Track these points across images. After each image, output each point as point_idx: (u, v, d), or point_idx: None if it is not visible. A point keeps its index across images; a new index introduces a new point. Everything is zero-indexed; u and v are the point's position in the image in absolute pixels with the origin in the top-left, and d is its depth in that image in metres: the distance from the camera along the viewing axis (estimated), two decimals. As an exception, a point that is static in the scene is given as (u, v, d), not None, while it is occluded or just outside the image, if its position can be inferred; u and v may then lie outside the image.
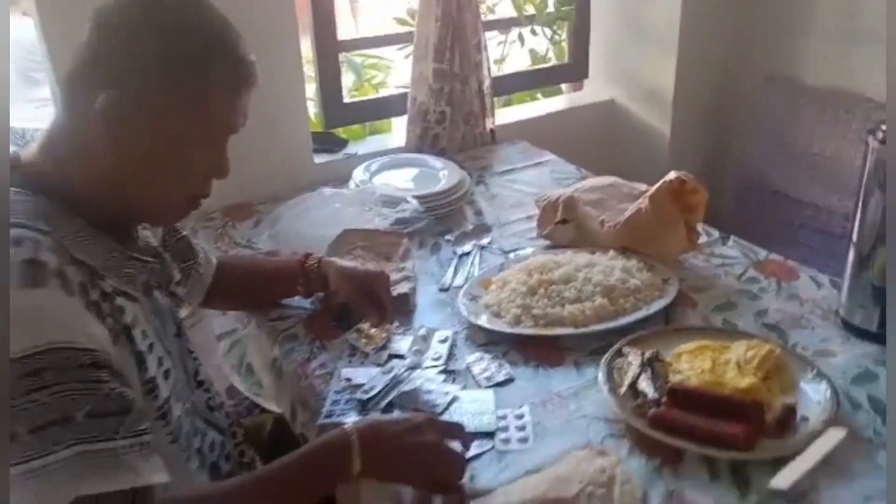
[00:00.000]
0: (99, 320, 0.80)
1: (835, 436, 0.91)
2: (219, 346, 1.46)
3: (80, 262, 0.81)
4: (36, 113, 2.94)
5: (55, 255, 0.78)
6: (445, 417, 1.03)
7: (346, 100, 1.99)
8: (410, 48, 1.91)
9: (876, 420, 0.99)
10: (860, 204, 1.18)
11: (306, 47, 1.84)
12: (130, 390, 0.80)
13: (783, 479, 0.64)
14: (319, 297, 1.31)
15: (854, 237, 1.21)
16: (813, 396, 1.02)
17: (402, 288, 1.31)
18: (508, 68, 2.53)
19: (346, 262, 1.29)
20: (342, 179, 1.72)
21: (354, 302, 1.22)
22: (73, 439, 0.72)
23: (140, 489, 0.75)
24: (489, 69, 1.97)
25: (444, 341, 1.20)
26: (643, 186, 1.48)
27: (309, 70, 1.90)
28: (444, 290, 1.37)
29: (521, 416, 1.04)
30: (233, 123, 0.92)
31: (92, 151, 0.86)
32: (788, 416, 0.96)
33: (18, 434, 0.72)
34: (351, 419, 1.04)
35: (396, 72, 2.66)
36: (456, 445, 0.93)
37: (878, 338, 1.14)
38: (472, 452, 0.96)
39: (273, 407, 1.33)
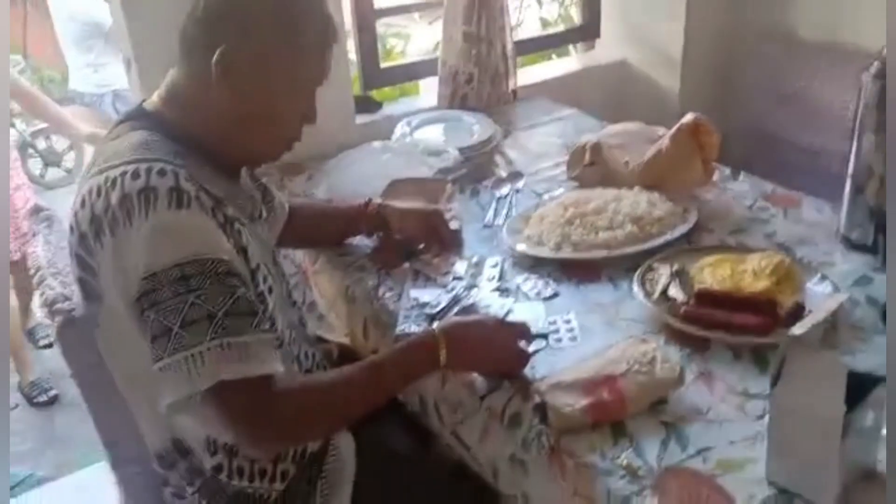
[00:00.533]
0: (227, 238, 0.98)
1: (837, 298, 1.10)
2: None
3: (208, 192, 0.98)
4: (93, 76, 3.24)
5: (191, 184, 0.95)
6: (506, 322, 1.20)
7: (383, 65, 2.14)
8: (431, 15, 2.05)
9: (871, 313, 1.17)
10: (855, 138, 1.34)
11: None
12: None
13: (799, 328, 0.81)
14: (380, 235, 1.47)
15: (850, 168, 1.37)
16: (820, 296, 1.19)
17: (453, 225, 1.48)
18: (522, 35, 2.67)
19: (403, 204, 1.46)
20: (381, 138, 1.86)
21: (417, 237, 1.39)
22: (214, 334, 0.89)
23: (266, 377, 0.93)
24: (511, 32, 2.12)
25: (495, 266, 1.37)
26: (662, 130, 1.64)
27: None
28: (487, 227, 1.53)
29: (568, 321, 1.21)
30: (323, 74, 1.08)
31: (210, 101, 1.03)
32: (798, 310, 1.14)
33: (172, 328, 0.89)
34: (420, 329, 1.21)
35: (415, 39, 2.80)
36: (521, 343, 1.11)
37: (873, 249, 1.32)
38: (531, 349, 1.14)
39: (334, 337, 1.50)
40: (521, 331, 1.12)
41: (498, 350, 1.09)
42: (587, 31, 2.50)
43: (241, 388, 0.91)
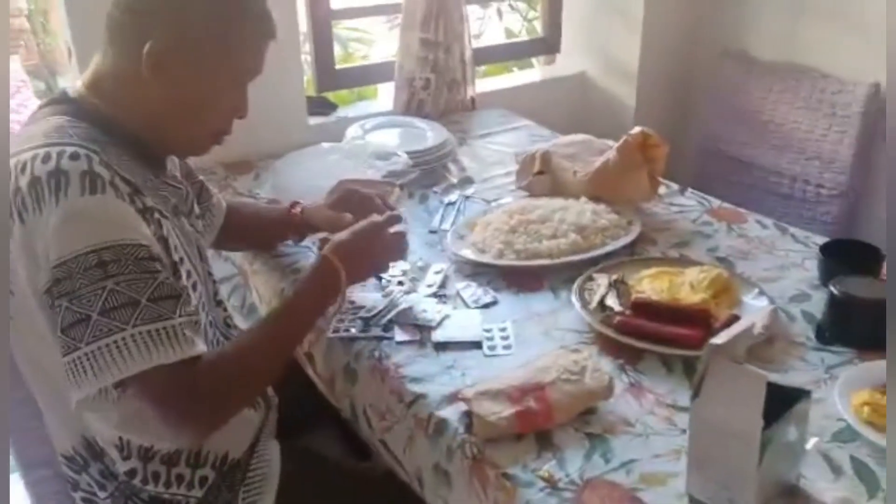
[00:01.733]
0: (147, 224, 0.94)
1: (765, 311, 1.09)
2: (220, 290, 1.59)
3: (124, 178, 0.95)
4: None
5: (106, 169, 0.92)
6: (438, 331, 1.18)
7: (338, 66, 2.12)
8: (395, 22, 2.05)
9: (807, 329, 1.17)
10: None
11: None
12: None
13: (721, 337, 0.80)
14: (320, 239, 1.43)
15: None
16: (756, 310, 1.19)
17: (399, 227, 1.45)
18: (485, 43, 2.67)
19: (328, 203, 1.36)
20: (334, 140, 1.83)
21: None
22: (140, 320, 0.87)
23: (196, 357, 0.91)
24: (470, 40, 2.11)
25: (438, 272, 1.34)
26: (612, 142, 1.64)
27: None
28: (433, 232, 1.51)
29: (504, 329, 1.19)
30: (256, 70, 1.06)
31: (138, 90, 0.99)
32: (732, 323, 1.13)
33: (90, 317, 0.86)
34: (354, 333, 1.19)
35: (379, 45, 2.79)
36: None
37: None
38: (464, 360, 1.12)
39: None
40: (393, 219, 1.22)
41: (382, 248, 1.18)
42: (548, 44, 2.51)
43: (172, 371, 0.89)
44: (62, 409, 0.98)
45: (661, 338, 1.10)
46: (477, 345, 1.15)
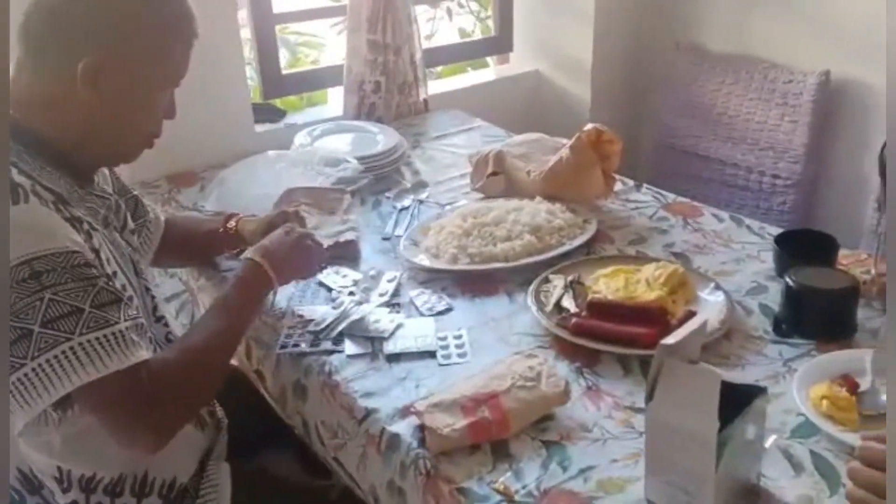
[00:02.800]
0: (76, 232, 0.90)
1: (720, 307, 1.08)
2: (168, 308, 1.53)
3: (47, 188, 0.91)
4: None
5: (26, 178, 0.88)
6: (391, 342, 1.14)
7: (285, 71, 2.06)
8: (343, 25, 2.00)
9: (765, 322, 1.15)
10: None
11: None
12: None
13: (672, 337, 0.77)
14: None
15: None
16: (712, 305, 1.17)
17: (348, 235, 1.42)
18: (437, 44, 2.64)
19: (258, 218, 1.32)
20: (282, 148, 1.78)
21: None
22: (86, 328, 0.84)
23: (144, 361, 0.89)
24: (420, 41, 2.07)
25: (391, 280, 1.30)
26: (564, 140, 1.61)
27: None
28: (386, 239, 1.47)
29: (459, 337, 1.15)
30: (184, 71, 1.03)
31: (67, 106, 0.95)
32: (689, 319, 1.11)
33: (32, 330, 0.82)
34: (304, 348, 1.14)
35: (329, 49, 2.74)
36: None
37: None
38: (417, 371, 1.08)
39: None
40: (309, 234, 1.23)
41: (305, 254, 1.19)
42: (500, 43, 2.48)
43: (121, 378, 0.86)
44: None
45: (617, 338, 1.08)
46: (431, 354, 1.12)
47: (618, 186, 1.60)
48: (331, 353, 1.13)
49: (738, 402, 0.80)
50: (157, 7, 0.97)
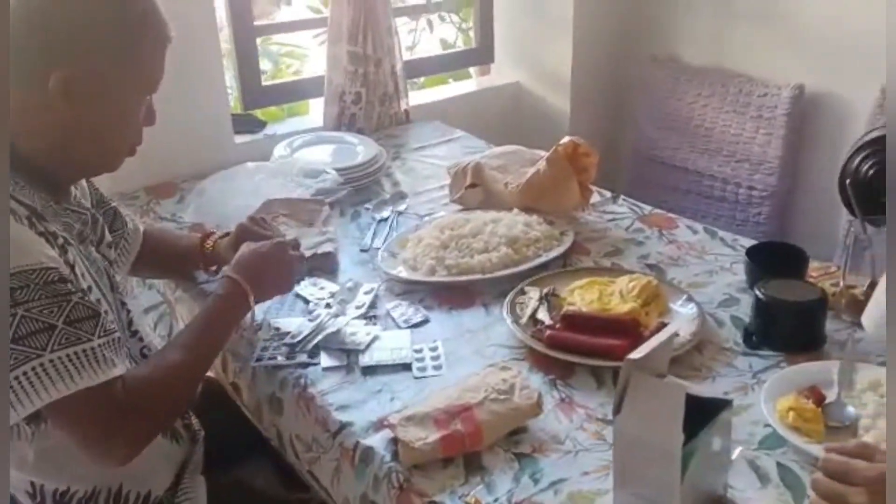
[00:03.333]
0: (50, 247, 0.90)
1: (685, 320, 1.11)
2: (146, 319, 1.53)
3: (20, 202, 0.91)
4: None
5: None
6: (367, 354, 1.15)
7: (265, 83, 2.07)
8: (325, 35, 2.01)
9: (736, 334, 1.17)
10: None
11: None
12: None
13: (639, 351, 0.78)
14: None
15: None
16: (684, 317, 1.19)
17: (326, 247, 1.42)
18: (418, 55, 2.65)
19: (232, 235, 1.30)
20: (262, 159, 1.79)
21: None
22: (57, 345, 0.84)
23: (118, 377, 0.89)
24: (401, 52, 2.09)
25: (368, 292, 1.31)
26: (542, 152, 1.63)
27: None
28: (364, 250, 1.48)
29: (435, 349, 1.16)
30: (160, 76, 1.02)
31: (43, 120, 0.95)
32: (661, 331, 1.12)
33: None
34: (279, 360, 1.15)
35: (312, 60, 2.74)
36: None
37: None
38: (393, 384, 1.09)
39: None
40: (293, 244, 1.23)
41: (284, 268, 1.18)
42: (481, 54, 2.50)
43: (93, 394, 0.87)
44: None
45: (590, 350, 1.09)
46: (407, 367, 1.12)
47: (595, 198, 1.62)
48: (306, 365, 1.13)
49: (704, 414, 0.81)
50: (124, 14, 0.96)
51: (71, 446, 0.91)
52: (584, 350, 1.09)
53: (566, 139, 1.54)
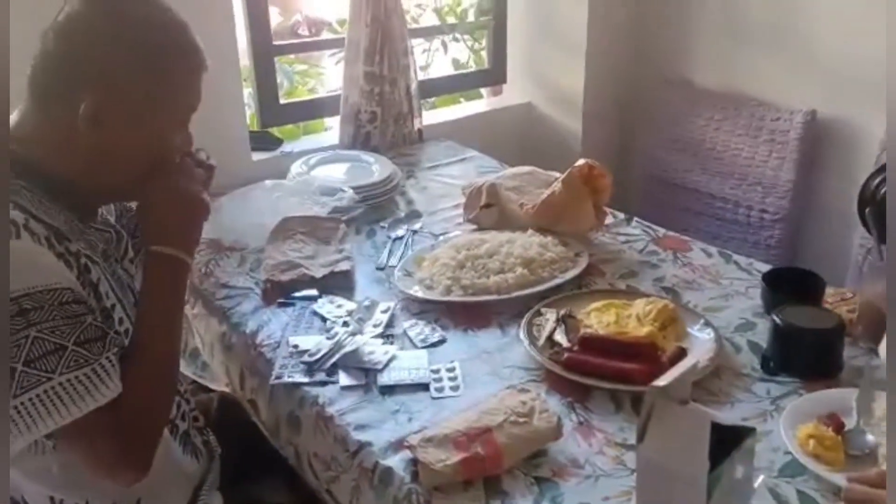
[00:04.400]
0: (68, 268, 0.90)
1: (710, 346, 1.10)
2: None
3: (42, 221, 0.90)
4: None
5: (20, 212, 0.88)
6: (385, 374, 1.15)
7: (282, 101, 2.09)
8: (342, 55, 2.04)
9: (753, 360, 1.17)
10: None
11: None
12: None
13: (664, 378, 0.79)
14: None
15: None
16: (701, 342, 1.19)
17: (343, 265, 1.43)
18: (433, 75, 2.68)
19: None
20: (278, 176, 1.81)
21: None
22: (66, 367, 0.84)
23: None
24: (416, 73, 2.11)
25: (385, 311, 1.31)
26: (557, 174, 1.64)
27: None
28: (380, 268, 1.49)
29: (452, 370, 1.17)
30: (195, 104, 1.03)
31: (73, 143, 0.94)
32: (680, 356, 1.12)
33: (15, 368, 0.82)
34: (297, 379, 1.15)
35: (328, 78, 2.77)
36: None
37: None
38: (411, 404, 1.09)
39: (218, 386, 1.42)
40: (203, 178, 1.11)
41: (197, 207, 1.07)
42: (494, 75, 2.52)
43: (99, 415, 0.86)
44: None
45: (608, 374, 1.10)
46: (424, 387, 1.13)
47: (609, 220, 1.62)
48: (324, 384, 1.14)
49: (726, 442, 0.81)
50: (157, 44, 0.96)
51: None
52: (602, 373, 1.10)
53: (581, 161, 1.55)
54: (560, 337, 1.19)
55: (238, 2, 1.88)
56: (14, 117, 0.98)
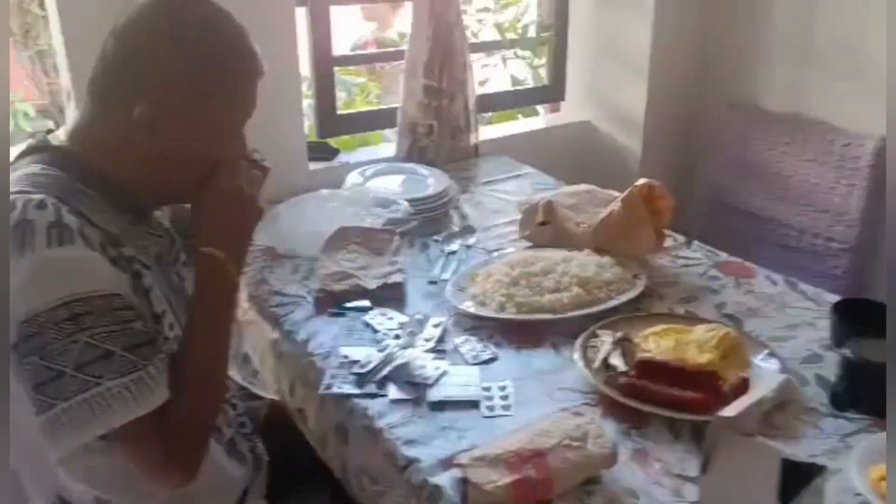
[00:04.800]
0: (122, 273, 0.91)
1: (777, 377, 1.04)
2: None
3: (97, 227, 0.92)
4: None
5: (76, 217, 0.89)
6: (435, 389, 1.13)
7: (340, 112, 2.11)
8: (401, 68, 2.05)
9: (821, 395, 1.11)
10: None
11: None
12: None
13: (731, 409, 0.75)
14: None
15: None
16: (765, 373, 1.14)
17: (396, 277, 1.42)
18: (490, 90, 2.68)
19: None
20: (334, 186, 1.81)
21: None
22: (115, 372, 0.84)
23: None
24: (474, 88, 2.10)
25: (437, 326, 1.30)
26: (616, 193, 1.61)
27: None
28: (433, 283, 1.47)
29: (504, 388, 1.14)
30: (252, 110, 1.03)
31: (130, 146, 0.96)
32: (742, 386, 1.08)
33: (64, 373, 0.83)
34: (348, 389, 1.14)
35: (387, 91, 2.79)
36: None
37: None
38: (461, 421, 1.06)
39: (267, 394, 1.42)
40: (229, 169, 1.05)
41: (248, 209, 1.05)
42: (552, 92, 2.50)
43: (147, 420, 0.87)
44: (36, 468, 0.94)
45: (667, 401, 1.06)
46: (475, 404, 1.11)
47: (668, 242, 1.58)
48: (374, 396, 1.12)
49: (794, 478, 0.77)
50: (217, 51, 0.97)
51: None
52: (660, 400, 1.06)
53: (642, 181, 1.51)
54: (616, 360, 1.15)
55: (301, 12, 1.90)
56: (74, 120, 1.00)
